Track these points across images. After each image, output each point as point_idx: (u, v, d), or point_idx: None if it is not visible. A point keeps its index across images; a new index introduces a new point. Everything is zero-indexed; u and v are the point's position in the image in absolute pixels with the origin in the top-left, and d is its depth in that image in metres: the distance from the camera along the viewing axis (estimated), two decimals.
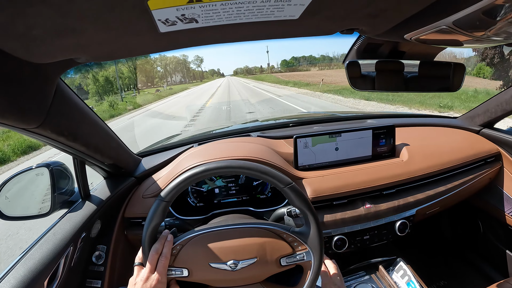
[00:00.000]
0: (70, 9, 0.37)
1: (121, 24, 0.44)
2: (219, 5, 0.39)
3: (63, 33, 0.43)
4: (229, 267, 0.80)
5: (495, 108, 1.47)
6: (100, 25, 0.43)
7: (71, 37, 0.45)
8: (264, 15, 0.44)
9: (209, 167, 0.79)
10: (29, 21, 0.39)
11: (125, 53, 0.59)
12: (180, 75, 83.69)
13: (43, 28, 0.41)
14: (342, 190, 1.17)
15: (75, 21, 0.41)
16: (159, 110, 17.46)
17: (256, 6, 0.41)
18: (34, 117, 0.63)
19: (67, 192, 1.10)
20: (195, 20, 0.43)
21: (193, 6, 0.38)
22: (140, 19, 0.42)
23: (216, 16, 0.42)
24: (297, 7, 0.43)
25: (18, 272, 0.76)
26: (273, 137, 1.46)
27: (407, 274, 1.21)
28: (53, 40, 0.46)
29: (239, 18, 0.44)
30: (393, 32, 0.62)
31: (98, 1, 0.36)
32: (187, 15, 0.41)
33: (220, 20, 0.44)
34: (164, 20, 0.42)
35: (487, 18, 0.48)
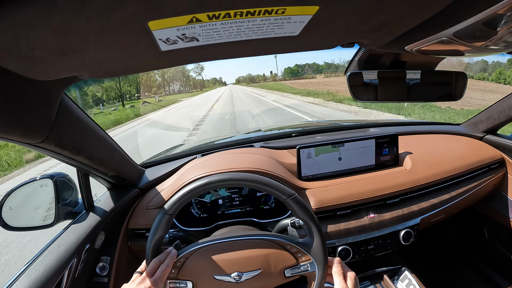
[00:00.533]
0: (72, 30, 0.38)
1: (122, 44, 0.44)
2: (219, 24, 0.39)
3: (65, 53, 0.44)
4: (233, 279, 0.80)
5: (498, 114, 1.47)
6: (102, 45, 0.44)
7: (73, 57, 0.46)
8: (264, 33, 0.45)
9: (212, 179, 0.79)
10: (32, 43, 0.39)
11: (126, 71, 0.60)
12: (179, 84, 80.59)
13: (46, 49, 0.42)
14: (346, 200, 1.17)
15: (77, 42, 0.41)
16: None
17: (256, 25, 0.41)
18: (38, 132, 0.64)
19: (71, 203, 1.10)
20: (195, 39, 0.43)
21: (194, 26, 0.39)
22: (141, 39, 0.42)
23: (216, 34, 0.43)
24: (297, 24, 0.43)
25: (22, 284, 0.76)
26: (276, 148, 1.46)
27: (412, 283, 1.20)
28: (56, 59, 0.46)
29: (239, 36, 0.45)
30: (394, 44, 0.63)
31: (99, 22, 0.36)
32: (188, 35, 0.41)
33: (221, 38, 0.45)
34: (165, 39, 0.42)
35: (487, 29, 0.49)
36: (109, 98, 40.13)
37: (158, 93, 67.63)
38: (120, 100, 40.23)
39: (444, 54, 0.75)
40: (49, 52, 0.43)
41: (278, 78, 79.39)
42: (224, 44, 0.47)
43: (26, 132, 0.61)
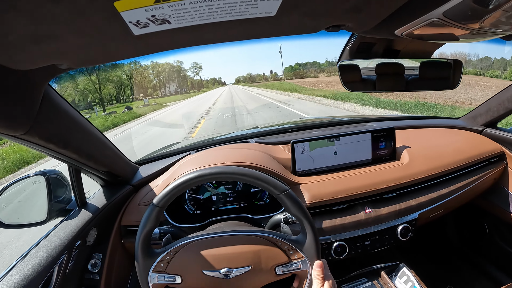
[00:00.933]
0: (41, 15, 0.37)
1: (94, 29, 0.44)
2: (188, 4, 0.38)
3: (38, 39, 0.44)
4: (223, 275, 0.79)
5: (497, 107, 1.45)
6: (74, 31, 0.43)
7: (47, 43, 0.45)
8: (238, 13, 0.43)
9: (202, 173, 0.78)
10: (3, 28, 0.39)
11: (105, 58, 0.59)
12: (175, 85, 75.53)
13: (19, 35, 0.42)
14: (341, 194, 1.15)
15: (48, 27, 0.41)
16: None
17: (227, 3, 0.40)
18: (20, 124, 0.63)
19: (63, 201, 1.10)
20: (167, 21, 0.42)
21: (162, 6, 0.38)
22: (112, 23, 0.41)
23: (188, 15, 0.42)
24: (271, 2, 0.41)
25: (12, 279, 0.76)
26: (271, 143, 1.45)
27: (411, 280, 1.18)
28: (31, 46, 0.46)
29: (212, 17, 0.44)
30: (382, 27, 0.61)
31: (67, 6, 0.36)
32: (158, 16, 0.40)
33: (193, 20, 0.43)
34: (136, 22, 0.41)
35: (478, 7, 0.47)
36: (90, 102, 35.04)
37: (153, 95, 62.55)
38: (101, 105, 34.73)
39: (438, 39, 0.72)
40: (22, 38, 0.43)
41: (279, 77, 75.99)
42: (198, 27, 0.46)
43: (8, 124, 0.60)
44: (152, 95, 62.18)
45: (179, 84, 79.64)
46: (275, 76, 77.75)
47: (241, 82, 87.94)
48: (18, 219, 1.02)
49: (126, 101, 43.35)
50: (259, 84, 64.50)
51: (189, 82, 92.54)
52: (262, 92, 30.13)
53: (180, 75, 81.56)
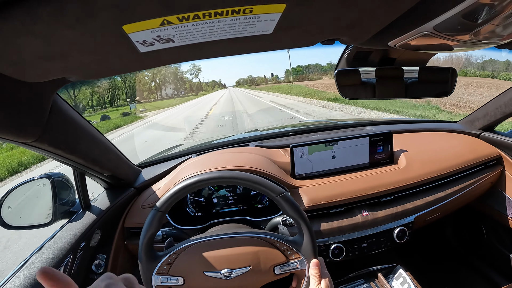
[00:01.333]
0: (55, 38, 0.40)
1: (103, 48, 0.46)
2: (191, 25, 0.41)
3: (51, 57, 0.46)
4: (223, 275, 0.81)
5: (495, 111, 1.46)
6: (84, 50, 0.46)
7: (59, 61, 0.48)
8: (237, 32, 0.46)
9: (202, 178, 0.81)
10: (19, 48, 0.42)
11: (112, 72, 0.62)
12: (172, 88, 70.66)
13: (33, 55, 0.45)
14: (339, 198, 1.18)
15: (61, 48, 0.44)
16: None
17: (227, 24, 0.42)
18: (31, 132, 0.66)
19: (68, 203, 1.12)
20: (171, 40, 0.45)
21: (166, 28, 0.40)
22: (120, 42, 0.44)
23: (190, 35, 0.44)
24: (267, 22, 0.44)
25: (19, 279, 0.78)
26: (270, 147, 1.47)
27: (407, 282, 1.20)
28: (43, 63, 0.49)
29: (213, 36, 0.46)
30: (376, 40, 0.63)
31: (79, 30, 0.39)
32: (162, 36, 0.43)
33: (195, 39, 0.46)
34: (142, 41, 0.44)
35: (467, 22, 0.48)
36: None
37: (150, 98, 57.69)
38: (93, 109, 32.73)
39: (432, 49, 0.74)
40: (36, 56, 0.45)
41: (281, 80, 70.91)
42: (200, 44, 0.49)
43: (20, 132, 0.63)
44: (148, 98, 57.12)
45: (176, 86, 74.86)
46: (276, 79, 74.55)
47: (241, 85, 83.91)
48: (23, 220, 1.04)
49: (120, 104, 39.80)
50: (262, 87, 58.57)
51: (188, 85, 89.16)
52: (275, 99, 23.12)
53: (177, 77, 77.17)
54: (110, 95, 39.36)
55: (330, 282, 0.79)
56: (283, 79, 66.53)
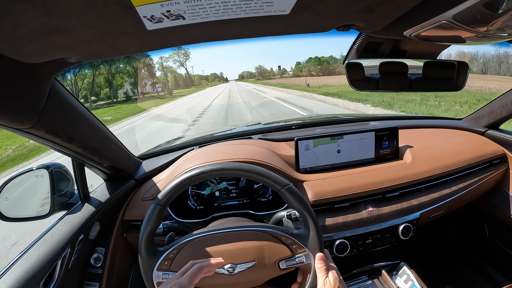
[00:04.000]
0: (53, 7, 0.37)
1: (106, 22, 0.43)
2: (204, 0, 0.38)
3: (49, 32, 0.43)
4: (227, 271, 0.79)
5: (500, 109, 1.45)
6: (85, 24, 0.43)
7: (57, 36, 0.45)
8: (253, 11, 0.43)
9: (204, 169, 0.78)
10: (15, 20, 0.39)
11: (115, 53, 0.59)
12: (149, 82, 47.47)
13: (29, 28, 0.42)
14: (344, 193, 1.16)
15: (60, 20, 0.41)
16: None
17: (243, 1, 0.40)
18: (27, 118, 0.63)
19: (66, 194, 1.10)
20: (181, 16, 0.42)
21: (178, 1, 0.38)
22: (125, 17, 0.41)
23: (202, 12, 0.42)
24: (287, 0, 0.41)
25: (14, 273, 0.76)
26: (274, 140, 1.45)
27: (411, 279, 1.18)
28: (40, 39, 0.46)
29: (227, 14, 0.43)
30: (392, 28, 0.61)
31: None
32: (173, 11, 0.40)
33: (208, 17, 0.43)
34: (150, 17, 0.41)
35: (488, 11, 0.47)
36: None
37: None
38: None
39: (445, 41, 0.73)
40: (33, 30, 0.43)
41: (290, 73, 60.77)
42: (212, 23, 0.46)
43: (15, 118, 0.60)
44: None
45: (153, 82, 50.51)
46: (283, 72, 67.69)
47: (246, 79, 73.84)
48: (21, 212, 1.02)
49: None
50: (276, 81, 43.68)
51: (171, 79, 64.44)
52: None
53: (149, 71, 50.09)
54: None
55: (338, 274, 0.78)
56: (292, 73, 59.18)
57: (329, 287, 0.75)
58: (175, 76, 67.10)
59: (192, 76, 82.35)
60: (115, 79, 36.22)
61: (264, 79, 65.87)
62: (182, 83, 68.91)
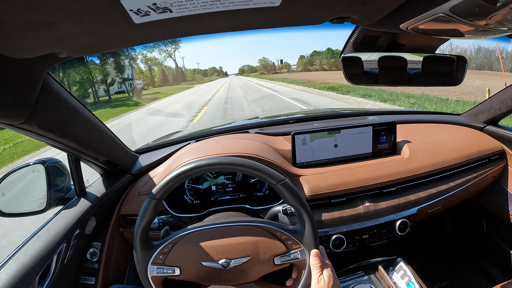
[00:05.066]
0: (38, 1, 0.37)
1: (93, 16, 0.43)
2: None
3: (35, 26, 0.43)
4: (221, 265, 0.79)
5: (500, 105, 1.44)
6: (72, 18, 0.43)
7: (44, 31, 0.45)
8: (241, 3, 0.43)
9: (199, 164, 0.78)
10: (0, 15, 0.38)
11: (104, 47, 0.58)
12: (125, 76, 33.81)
13: (15, 23, 0.41)
14: (341, 188, 1.16)
15: (45, 14, 0.40)
16: None
17: None
18: (19, 113, 0.63)
19: (63, 189, 1.10)
20: (168, 9, 0.41)
21: None
22: (112, 10, 0.41)
23: (189, 4, 0.41)
24: None
25: (10, 268, 0.76)
26: (271, 134, 1.45)
27: (407, 275, 1.18)
28: (28, 34, 0.45)
29: (215, 7, 0.43)
30: (388, 21, 0.60)
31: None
32: (159, 4, 0.39)
33: (195, 9, 0.43)
34: (136, 10, 0.40)
35: (486, 4, 0.46)
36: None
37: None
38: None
39: (443, 34, 0.72)
40: (19, 25, 0.42)
41: (293, 68, 57.29)
42: (201, 15, 0.45)
43: (6, 113, 0.60)
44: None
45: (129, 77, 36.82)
46: (286, 67, 63.23)
47: (246, 73, 70.26)
48: (17, 207, 1.02)
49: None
50: (284, 76, 38.36)
51: (157, 72, 51.63)
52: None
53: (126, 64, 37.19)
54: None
55: (332, 272, 0.77)
56: (295, 67, 55.98)
57: (323, 284, 0.75)
58: (163, 70, 54.29)
59: (184, 70, 72.71)
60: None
61: (268, 73, 61.21)
62: (171, 79, 58.39)
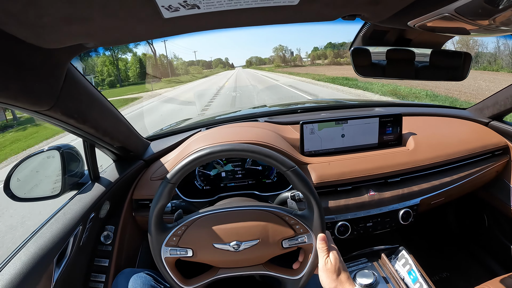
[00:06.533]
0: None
1: (127, 12, 0.46)
2: None
3: (72, 21, 0.46)
4: (232, 248, 0.82)
5: (505, 100, 1.45)
6: (107, 13, 0.45)
7: (79, 24, 0.47)
8: (263, 1, 0.45)
9: (213, 150, 0.80)
10: (40, 10, 0.41)
11: (131, 39, 0.61)
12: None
13: (53, 17, 0.44)
14: (347, 176, 1.18)
15: (83, 10, 0.43)
16: None
17: None
18: (45, 100, 0.66)
19: (77, 174, 1.13)
20: (197, 6, 0.44)
21: None
22: (145, 6, 0.43)
23: (216, 2, 0.44)
24: None
25: (29, 250, 0.80)
26: (280, 123, 1.47)
27: (409, 263, 1.21)
28: (63, 27, 0.48)
29: (239, 4, 0.46)
30: (396, 19, 0.62)
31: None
32: (189, 1, 0.42)
33: (221, 6, 0.45)
34: (167, 6, 0.43)
35: (489, 6, 0.48)
36: None
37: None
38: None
39: (449, 32, 0.74)
40: (56, 19, 0.45)
41: (305, 61, 52.40)
42: (225, 12, 0.48)
43: (34, 100, 0.63)
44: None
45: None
46: (295, 59, 58.08)
47: (254, 65, 62.22)
48: (33, 192, 1.05)
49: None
50: (307, 70, 30.71)
51: (133, 68, 40.35)
52: None
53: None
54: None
55: (338, 255, 0.81)
56: (307, 60, 50.93)
57: (330, 266, 0.78)
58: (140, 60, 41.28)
59: (176, 62, 59.39)
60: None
61: (286, 66, 52.25)
62: (158, 72, 46.91)
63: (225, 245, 0.82)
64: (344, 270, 0.79)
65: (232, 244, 0.82)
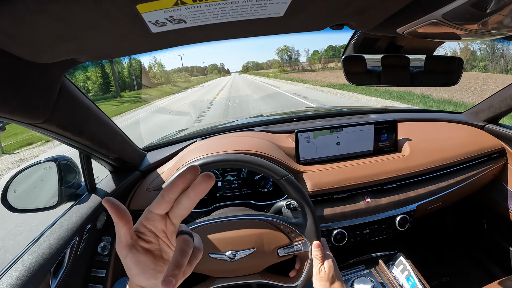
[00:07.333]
0: (70, 18, 0.40)
1: (117, 29, 0.47)
2: (204, 6, 0.41)
3: (66, 39, 0.47)
4: (228, 257, 0.82)
5: (500, 103, 1.45)
6: (98, 31, 0.46)
7: (73, 42, 0.49)
8: (248, 14, 0.46)
9: (207, 160, 0.81)
10: (33, 28, 0.42)
11: (122, 53, 0.62)
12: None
13: (48, 36, 0.45)
14: (342, 184, 1.19)
15: (76, 29, 0.44)
16: None
17: (239, 6, 0.43)
18: (40, 113, 0.67)
19: (74, 186, 1.13)
20: (183, 20, 0.45)
21: (179, 8, 0.41)
22: (133, 23, 0.44)
23: (202, 16, 0.44)
24: (279, 5, 0.44)
25: (26, 260, 0.80)
26: (275, 132, 1.48)
27: (407, 269, 1.21)
28: (57, 45, 0.49)
29: (225, 18, 0.46)
30: (384, 27, 0.63)
31: (93, 10, 0.39)
32: (175, 17, 0.43)
33: (207, 20, 0.46)
34: (154, 22, 0.44)
35: (476, 11, 0.48)
36: None
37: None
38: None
39: (439, 38, 0.74)
40: (51, 38, 0.46)
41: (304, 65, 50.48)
42: (211, 25, 0.49)
43: (29, 114, 0.63)
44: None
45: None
46: (296, 63, 56.89)
47: (251, 70, 59.28)
48: (29, 204, 1.06)
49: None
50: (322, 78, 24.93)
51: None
52: None
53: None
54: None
55: (333, 263, 0.81)
56: (307, 64, 48.27)
57: (324, 274, 0.79)
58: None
59: (157, 70, 53.07)
60: None
61: (293, 71, 49.10)
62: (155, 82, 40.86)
63: (220, 255, 0.83)
64: (339, 278, 0.79)
65: (227, 253, 0.83)
